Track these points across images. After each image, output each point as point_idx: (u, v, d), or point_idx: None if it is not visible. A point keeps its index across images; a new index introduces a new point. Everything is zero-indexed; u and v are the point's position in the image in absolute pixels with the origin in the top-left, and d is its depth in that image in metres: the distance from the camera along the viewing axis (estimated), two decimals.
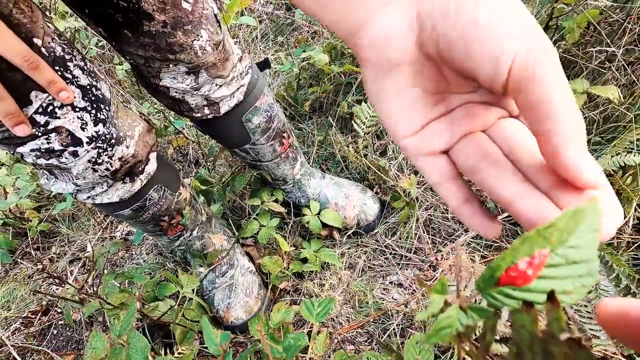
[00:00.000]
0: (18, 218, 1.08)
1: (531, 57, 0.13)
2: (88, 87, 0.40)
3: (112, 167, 0.45)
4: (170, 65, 0.47)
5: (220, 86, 0.53)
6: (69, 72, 0.38)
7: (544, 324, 0.13)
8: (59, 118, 0.38)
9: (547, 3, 0.72)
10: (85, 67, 0.40)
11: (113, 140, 0.43)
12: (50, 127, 0.38)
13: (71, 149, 0.40)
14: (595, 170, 0.14)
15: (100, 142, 0.42)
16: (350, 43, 0.17)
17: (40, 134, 0.37)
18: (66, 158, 0.40)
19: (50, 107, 0.37)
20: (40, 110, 0.36)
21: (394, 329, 0.69)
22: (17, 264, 1.07)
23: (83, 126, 0.40)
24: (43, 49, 0.36)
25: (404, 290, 0.75)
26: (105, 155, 0.43)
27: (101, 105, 0.41)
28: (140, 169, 0.50)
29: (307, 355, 0.57)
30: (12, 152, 0.40)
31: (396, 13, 0.15)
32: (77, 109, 0.39)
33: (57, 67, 0.37)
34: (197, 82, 0.50)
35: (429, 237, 0.80)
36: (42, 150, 0.39)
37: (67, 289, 0.70)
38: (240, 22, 1.27)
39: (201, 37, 0.46)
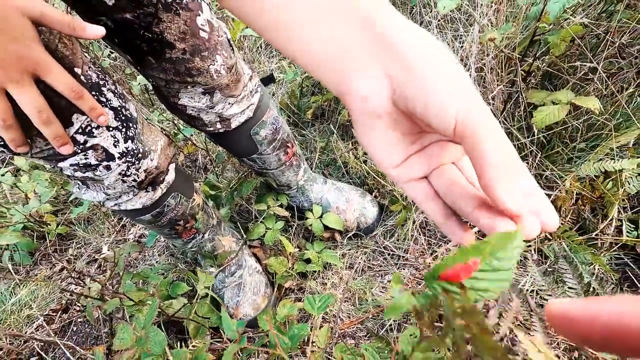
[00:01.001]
0: (37, 222, 1.15)
1: (469, 117, 0.18)
2: (119, 108, 0.46)
3: (138, 178, 0.50)
4: (188, 87, 0.53)
5: (232, 104, 0.58)
6: (103, 96, 0.44)
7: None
8: (95, 137, 0.43)
9: (532, 20, 0.77)
10: (116, 91, 0.46)
11: (140, 155, 0.49)
12: (88, 145, 0.43)
13: (105, 163, 0.46)
14: (517, 200, 0.19)
15: (129, 156, 0.48)
16: (340, 96, 0.22)
17: (79, 151, 0.43)
18: (100, 171, 0.46)
19: (89, 128, 0.43)
20: (80, 130, 0.42)
21: (390, 325, 0.74)
22: (37, 265, 1.14)
23: (115, 143, 0.45)
24: (82, 77, 0.41)
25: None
26: (133, 168, 0.49)
27: (130, 124, 0.47)
28: (162, 179, 0.55)
29: (309, 347, 0.62)
30: (52, 166, 0.46)
31: (374, 79, 0.20)
32: (111, 128, 0.45)
33: (93, 92, 0.43)
34: (212, 101, 0.56)
35: (424, 239, 0.85)
36: (80, 165, 0.45)
37: (90, 287, 0.76)
38: (245, 33, 1.33)
39: (216, 61, 0.52)
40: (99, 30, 0.37)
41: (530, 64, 0.78)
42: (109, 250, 1.11)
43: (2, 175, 1.20)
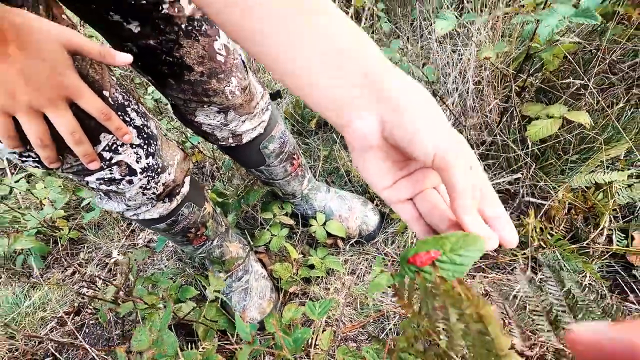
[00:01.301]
0: (50, 227, 1.19)
1: (444, 156, 0.23)
2: (141, 126, 0.50)
3: (157, 191, 0.54)
4: (205, 106, 0.57)
5: (245, 122, 0.62)
6: (127, 115, 0.48)
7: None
8: (120, 154, 0.47)
9: (526, 38, 0.81)
10: (139, 110, 0.50)
11: (159, 170, 0.53)
12: (113, 161, 0.47)
13: (128, 178, 0.50)
14: (477, 225, 0.23)
15: (150, 171, 0.52)
16: (340, 131, 0.26)
17: (105, 167, 0.47)
18: (123, 185, 0.50)
19: (114, 145, 0.47)
20: (107, 148, 0.46)
21: (390, 328, 0.77)
22: (49, 268, 1.18)
23: (138, 159, 0.49)
24: (110, 99, 0.45)
25: None
26: (153, 182, 0.53)
27: (151, 141, 0.51)
28: (178, 191, 0.59)
29: (313, 350, 0.65)
30: (79, 180, 0.50)
31: (370, 120, 0.25)
32: (134, 146, 0.48)
33: (119, 113, 0.46)
34: (226, 119, 0.60)
35: None
36: (106, 179, 0.48)
37: (104, 291, 0.80)
38: None
39: (231, 83, 0.56)
40: (127, 58, 0.41)
41: (524, 79, 0.81)
42: (118, 254, 1.15)
43: (17, 181, 1.25)
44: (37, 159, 0.44)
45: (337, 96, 0.25)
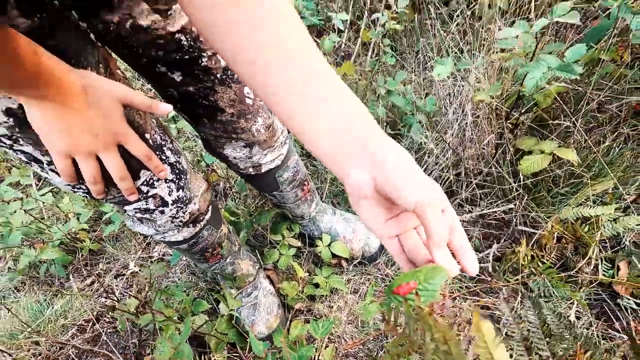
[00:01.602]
0: (73, 239, 1.27)
1: (422, 205, 0.29)
2: (175, 163, 0.57)
3: (184, 219, 0.62)
4: (233, 141, 0.65)
5: (266, 154, 0.71)
6: (164, 154, 0.55)
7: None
8: (155, 188, 0.55)
9: (520, 78, 0.88)
10: (173, 148, 0.58)
11: (187, 201, 0.61)
12: (149, 194, 0.55)
13: (160, 208, 0.57)
14: (446, 258, 0.30)
15: (180, 203, 0.59)
16: (340, 179, 0.33)
17: (142, 199, 0.54)
18: (156, 214, 0.57)
19: (151, 180, 0.54)
20: (145, 182, 0.53)
21: None
22: (70, 278, 1.25)
23: (170, 192, 0.57)
24: (150, 141, 0.53)
25: None
26: (181, 211, 0.60)
27: (182, 176, 0.59)
28: (202, 218, 0.67)
29: None
30: (118, 209, 0.57)
31: (364, 177, 0.32)
32: (167, 180, 0.56)
33: (157, 152, 0.54)
34: (251, 152, 0.68)
35: None
36: (141, 209, 0.56)
37: (125, 303, 0.87)
38: None
39: (257, 122, 0.64)
40: (169, 108, 0.49)
41: (516, 118, 0.88)
42: (135, 266, 1.22)
43: (43, 195, 1.34)
44: (86, 191, 0.51)
45: (339, 156, 0.32)
